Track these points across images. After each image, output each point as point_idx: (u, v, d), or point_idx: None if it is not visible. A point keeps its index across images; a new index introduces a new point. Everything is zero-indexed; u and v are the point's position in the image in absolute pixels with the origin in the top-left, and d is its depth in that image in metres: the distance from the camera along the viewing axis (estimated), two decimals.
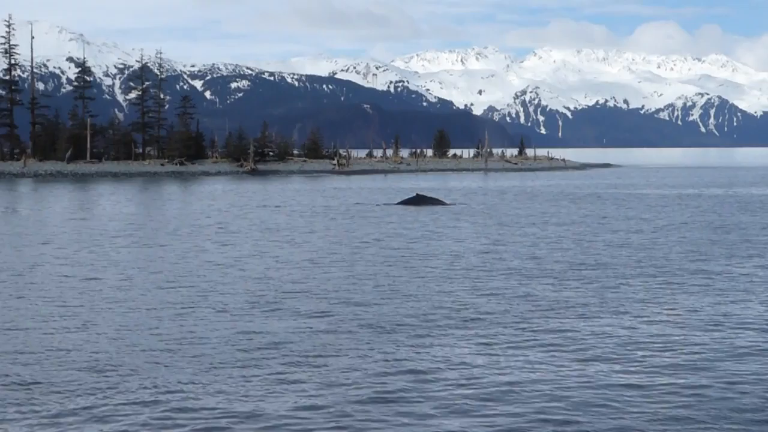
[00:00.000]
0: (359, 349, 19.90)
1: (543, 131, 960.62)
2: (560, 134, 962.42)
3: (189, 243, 41.39)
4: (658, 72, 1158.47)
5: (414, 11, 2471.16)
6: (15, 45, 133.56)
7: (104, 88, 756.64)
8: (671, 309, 24.64)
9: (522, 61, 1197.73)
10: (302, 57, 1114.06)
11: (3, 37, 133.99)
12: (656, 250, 38.81)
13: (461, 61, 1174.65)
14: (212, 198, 78.39)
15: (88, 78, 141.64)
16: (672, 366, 18.47)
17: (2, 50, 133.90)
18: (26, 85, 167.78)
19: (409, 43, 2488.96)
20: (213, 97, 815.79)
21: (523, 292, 27.35)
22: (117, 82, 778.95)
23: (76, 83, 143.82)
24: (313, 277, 30.60)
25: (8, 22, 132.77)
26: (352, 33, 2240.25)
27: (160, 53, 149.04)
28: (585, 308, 24.70)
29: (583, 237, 44.19)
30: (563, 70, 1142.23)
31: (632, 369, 18.25)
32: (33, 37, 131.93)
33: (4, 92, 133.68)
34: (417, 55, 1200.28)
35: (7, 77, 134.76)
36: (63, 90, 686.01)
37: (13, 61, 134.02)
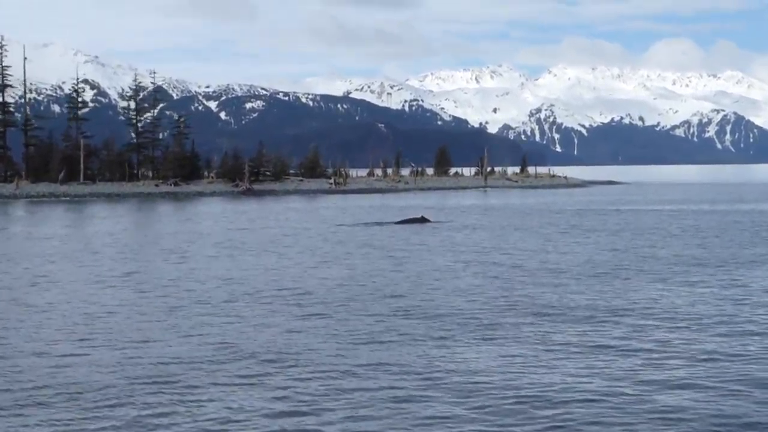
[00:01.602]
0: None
1: (558, 149, 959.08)
2: (576, 152, 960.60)
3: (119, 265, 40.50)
4: (673, 89, 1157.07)
5: (427, 30, 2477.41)
6: (7, 66, 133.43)
7: (120, 110, 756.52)
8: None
9: (536, 79, 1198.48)
10: (316, 77, 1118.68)
11: None
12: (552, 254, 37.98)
13: (475, 79, 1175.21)
14: (191, 220, 77.56)
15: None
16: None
17: None
18: (42, 107, 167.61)
19: (423, 61, 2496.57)
20: (228, 117, 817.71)
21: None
22: (132, 104, 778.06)
23: (91, 104, 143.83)
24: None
25: (0, 43, 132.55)
26: (366, 52, 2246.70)
27: (152, 75, 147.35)
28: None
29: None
30: (578, 88, 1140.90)
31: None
32: (26, 58, 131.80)
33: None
34: (431, 73, 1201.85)
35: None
36: (79, 112, 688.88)
37: (6, 83, 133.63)
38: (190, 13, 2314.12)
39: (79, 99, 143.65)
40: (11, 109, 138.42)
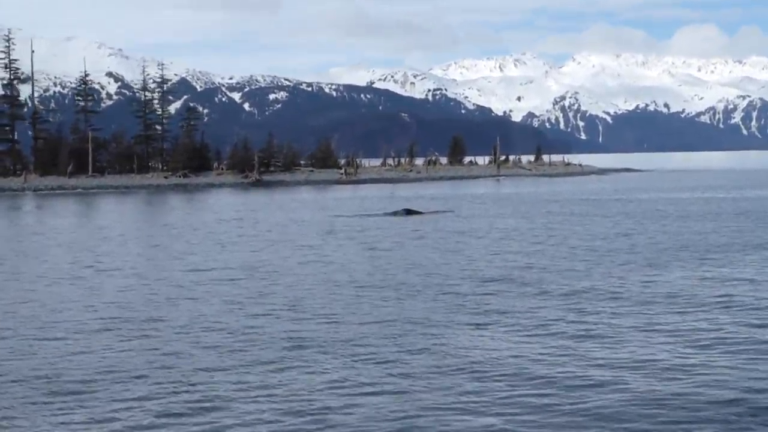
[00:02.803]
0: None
1: (583, 137, 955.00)
2: (600, 139, 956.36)
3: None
4: (698, 75, 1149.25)
5: (450, 20, 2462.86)
6: (15, 60, 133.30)
7: (151, 102, 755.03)
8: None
9: (560, 67, 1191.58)
10: (339, 67, 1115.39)
11: (3, 52, 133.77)
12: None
13: (499, 67, 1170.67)
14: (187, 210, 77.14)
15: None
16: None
17: (3, 65, 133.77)
18: (67, 100, 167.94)
19: (446, 51, 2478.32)
20: (252, 108, 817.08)
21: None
22: (156, 96, 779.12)
23: (116, 97, 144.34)
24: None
25: (8, 36, 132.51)
26: (389, 42, 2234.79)
27: (161, 66, 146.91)
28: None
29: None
30: (602, 75, 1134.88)
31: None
32: (33, 51, 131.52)
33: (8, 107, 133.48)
34: (455, 62, 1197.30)
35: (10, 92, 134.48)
36: (103, 105, 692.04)
37: (12, 76, 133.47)
38: (213, 5, 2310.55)
39: (103, 91, 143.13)
40: (36, 101, 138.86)
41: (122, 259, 39.99)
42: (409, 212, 65.05)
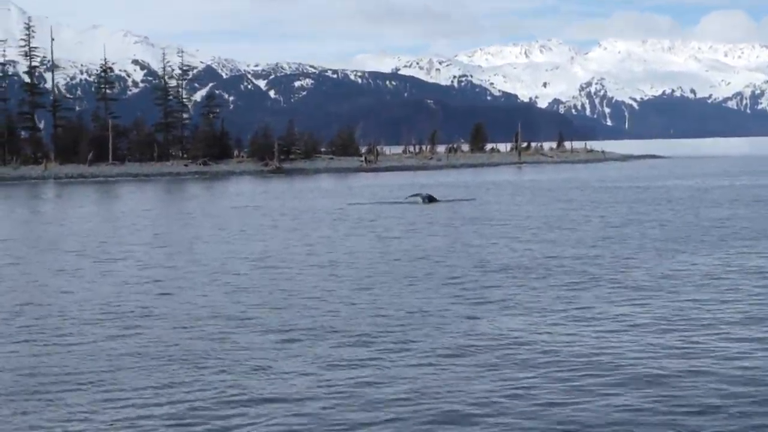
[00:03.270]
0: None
1: (609, 123, 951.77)
2: (627, 126, 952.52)
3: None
4: (725, 60, 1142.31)
5: (475, 6, 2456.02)
6: (35, 47, 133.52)
7: (169, 90, 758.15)
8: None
9: (586, 53, 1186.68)
10: (365, 54, 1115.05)
11: (23, 39, 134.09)
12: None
13: (525, 54, 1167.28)
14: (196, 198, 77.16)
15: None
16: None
17: (23, 53, 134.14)
18: (93, 88, 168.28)
19: (472, 38, 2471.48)
20: (277, 96, 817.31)
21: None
22: (182, 84, 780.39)
23: (142, 84, 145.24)
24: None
25: (28, 24, 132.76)
26: (414, 29, 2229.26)
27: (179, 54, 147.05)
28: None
29: None
30: (628, 61, 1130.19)
31: None
32: (53, 39, 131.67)
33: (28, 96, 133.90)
34: (480, 49, 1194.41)
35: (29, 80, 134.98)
36: (129, 92, 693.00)
37: (34, 64, 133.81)
38: None
39: (129, 79, 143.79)
40: (63, 89, 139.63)
41: (128, 248, 39.90)
42: (431, 199, 64.60)
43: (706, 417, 14.71)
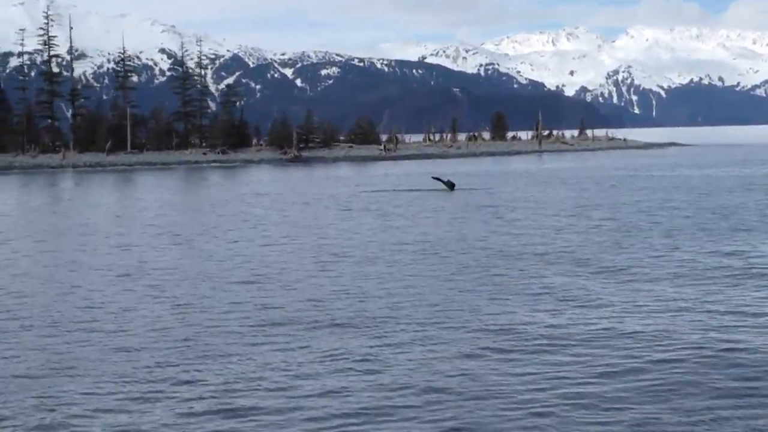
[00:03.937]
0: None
1: (636, 111, 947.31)
2: (654, 114, 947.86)
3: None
4: (753, 48, 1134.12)
5: None
6: (53, 36, 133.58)
7: (196, 78, 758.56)
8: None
9: (613, 41, 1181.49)
10: (391, 42, 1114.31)
11: (42, 28, 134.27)
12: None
13: (552, 42, 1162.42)
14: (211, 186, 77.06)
15: (131, 69, 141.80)
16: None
17: (42, 41, 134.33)
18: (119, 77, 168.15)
19: (498, 26, 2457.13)
20: (303, 84, 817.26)
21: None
22: (209, 72, 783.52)
23: (169, 73, 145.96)
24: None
25: (46, 13, 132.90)
26: (440, 17, 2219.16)
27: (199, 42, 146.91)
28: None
29: None
30: (656, 49, 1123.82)
31: None
32: (71, 28, 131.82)
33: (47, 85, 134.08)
34: (507, 37, 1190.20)
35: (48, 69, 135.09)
36: (156, 81, 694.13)
37: (52, 53, 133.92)
38: None
39: (156, 67, 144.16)
40: (90, 78, 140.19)
41: (138, 237, 39.83)
42: (452, 186, 64.55)
43: None
